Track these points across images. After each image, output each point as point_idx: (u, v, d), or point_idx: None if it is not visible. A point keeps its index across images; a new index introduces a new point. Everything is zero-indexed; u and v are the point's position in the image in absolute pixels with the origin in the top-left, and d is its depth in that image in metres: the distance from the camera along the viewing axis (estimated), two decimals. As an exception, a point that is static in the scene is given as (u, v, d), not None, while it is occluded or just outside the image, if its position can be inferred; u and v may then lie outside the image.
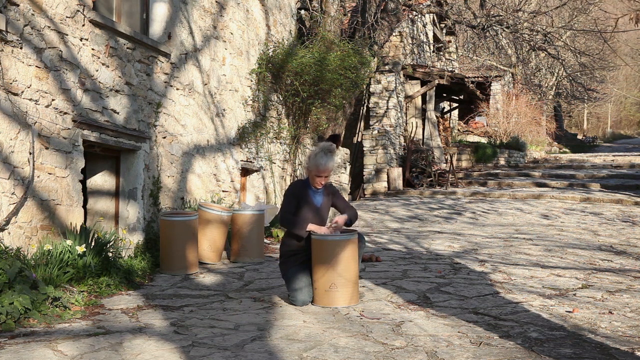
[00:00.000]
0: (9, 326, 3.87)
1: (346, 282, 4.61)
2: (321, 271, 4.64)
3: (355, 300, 4.67)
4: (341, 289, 4.60)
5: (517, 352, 3.43)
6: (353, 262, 4.68)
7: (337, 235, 4.71)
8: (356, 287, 4.71)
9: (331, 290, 4.60)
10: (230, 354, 3.45)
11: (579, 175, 15.76)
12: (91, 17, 5.79)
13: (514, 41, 18.03)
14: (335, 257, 4.61)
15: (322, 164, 4.80)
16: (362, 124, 16.71)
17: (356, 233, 4.79)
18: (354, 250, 4.69)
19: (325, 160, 4.81)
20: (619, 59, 28.89)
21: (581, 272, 5.85)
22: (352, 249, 4.67)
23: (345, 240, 4.65)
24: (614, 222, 9.80)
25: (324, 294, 4.62)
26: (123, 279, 5.31)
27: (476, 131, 22.48)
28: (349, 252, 4.65)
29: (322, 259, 4.67)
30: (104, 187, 6.64)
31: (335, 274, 4.59)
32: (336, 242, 4.64)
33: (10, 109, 4.88)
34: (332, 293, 4.60)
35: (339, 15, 14.48)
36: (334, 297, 4.60)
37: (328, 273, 4.60)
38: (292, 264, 4.85)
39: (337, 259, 4.61)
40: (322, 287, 4.62)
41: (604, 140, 41.29)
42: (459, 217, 10.62)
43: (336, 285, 4.59)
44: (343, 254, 4.62)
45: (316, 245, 4.70)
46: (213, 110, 8.14)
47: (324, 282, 4.61)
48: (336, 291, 4.59)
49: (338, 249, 4.62)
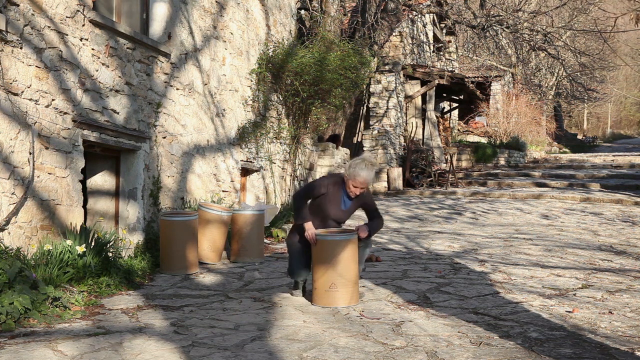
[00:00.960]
0: (9, 326, 3.87)
1: (346, 282, 4.61)
2: (321, 271, 4.64)
3: (355, 300, 4.67)
4: (341, 289, 4.60)
5: (517, 352, 3.43)
6: (353, 262, 4.68)
7: (337, 235, 4.71)
8: (356, 287, 4.71)
9: (331, 290, 4.60)
10: (230, 354, 3.45)
11: (579, 175, 15.76)
12: (91, 17, 5.79)
13: (514, 41, 18.03)
14: (335, 257, 4.61)
15: (360, 175, 4.71)
16: (362, 124, 16.71)
17: (355, 233, 4.78)
18: (354, 250, 4.69)
19: (365, 173, 4.71)
20: (619, 59, 28.89)
21: (581, 272, 5.85)
22: (352, 249, 4.67)
23: (345, 240, 4.65)
24: (614, 222, 9.80)
25: (324, 293, 4.62)
26: (123, 279, 5.30)
27: (476, 131, 22.48)
28: (349, 252, 4.64)
29: (322, 258, 4.67)
30: (104, 187, 6.64)
31: (335, 274, 4.59)
32: (336, 242, 4.64)
33: (10, 109, 4.88)
34: (332, 293, 4.60)
35: (339, 15, 14.49)
36: (334, 297, 4.60)
37: (328, 273, 4.60)
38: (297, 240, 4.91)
39: (337, 259, 4.61)
40: (322, 287, 4.62)
41: (604, 140, 41.28)
42: (459, 217, 10.62)
43: (336, 285, 4.59)
44: (343, 254, 4.62)
45: (319, 245, 4.70)
46: (213, 110, 8.14)
47: (324, 282, 4.61)
48: (336, 291, 4.59)
49: (338, 249, 4.62)
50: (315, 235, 4.71)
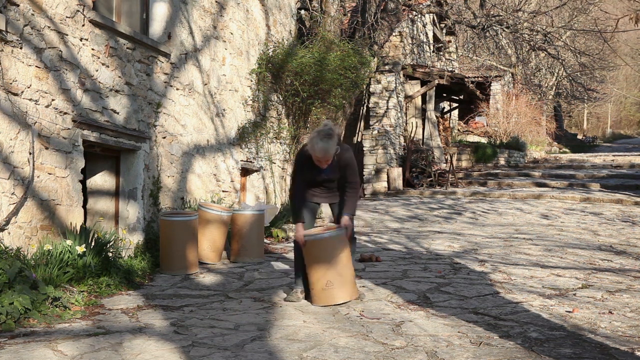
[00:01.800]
0: (9, 326, 3.86)
1: (342, 278, 4.59)
2: (315, 271, 4.64)
3: (355, 294, 4.65)
4: (338, 285, 4.59)
5: (517, 352, 3.43)
6: (345, 256, 4.66)
7: (324, 233, 4.69)
8: (353, 280, 4.69)
9: (328, 288, 4.59)
10: (230, 354, 3.45)
11: (579, 175, 15.76)
12: (91, 17, 5.79)
13: (514, 41, 18.03)
14: (327, 255, 4.61)
15: (317, 149, 4.58)
16: (362, 124, 16.70)
17: (342, 228, 4.76)
18: (344, 245, 4.68)
19: (321, 145, 4.55)
20: (619, 59, 28.88)
21: (581, 272, 5.85)
22: (342, 244, 4.66)
23: (333, 236, 4.64)
24: (613, 222, 9.80)
25: (321, 292, 4.61)
26: (123, 279, 5.30)
27: (476, 131, 22.47)
28: (340, 247, 4.64)
29: (313, 258, 4.68)
30: (104, 187, 6.64)
31: (329, 271, 4.58)
32: (325, 239, 4.64)
33: (10, 109, 4.88)
34: (329, 291, 4.59)
35: (339, 15, 14.48)
36: (332, 295, 4.59)
37: (321, 272, 4.60)
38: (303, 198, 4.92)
39: (329, 256, 4.61)
40: (319, 286, 4.62)
41: (604, 140, 41.27)
42: (459, 217, 10.62)
43: (332, 283, 4.58)
44: (334, 251, 4.61)
45: (308, 247, 4.71)
46: (213, 110, 8.14)
47: (320, 282, 4.61)
48: (333, 288, 4.58)
49: (328, 246, 4.62)
50: (304, 236, 4.71)
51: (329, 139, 4.57)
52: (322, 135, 4.58)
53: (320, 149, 4.57)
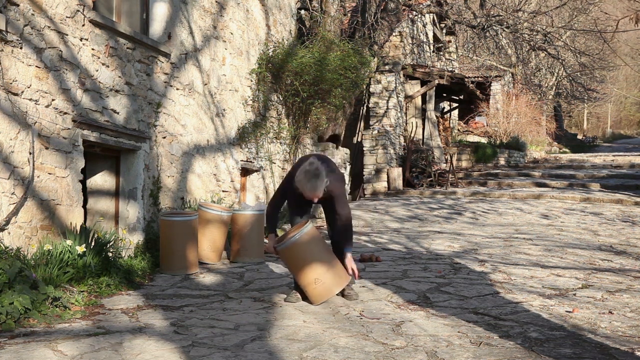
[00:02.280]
0: (9, 326, 3.87)
1: (327, 269, 4.59)
2: (300, 274, 4.66)
3: (346, 278, 4.65)
4: (327, 278, 4.58)
5: (517, 352, 3.43)
6: (319, 249, 4.66)
7: (293, 236, 4.68)
8: (338, 265, 4.68)
9: (319, 285, 4.59)
10: (230, 354, 3.45)
11: (579, 175, 15.76)
12: (91, 17, 5.79)
13: (514, 41, 18.03)
14: (303, 256, 4.64)
15: (308, 189, 4.52)
16: (362, 124, 16.70)
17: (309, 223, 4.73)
18: (316, 238, 4.69)
19: (310, 185, 4.48)
20: (619, 59, 28.88)
21: (581, 272, 5.85)
22: (314, 238, 4.67)
23: (301, 236, 4.64)
24: (614, 222, 9.80)
25: (315, 291, 4.61)
26: (123, 279, 5.31)
27: (476, 131, 22.47)
28: (312, 243, 4.65)
29: (293, 263, 4.72)
30: (104, 187, 6.64)
31: (312, 269, 4.58)
32: (296, 242, 4.65)
33: (10, 109, 4.88)
34: (321, 287, 4.59)
35: (339, 15, 14.48)
36: (326, 289, 4.59)
37: (306, 272, 4.60)
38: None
39: (306, 256, 4.63)
40: (310, 287, 4.61)
41: (604, 140, 41.27)
42: (459, 217, 10.62)
43: (319, 279, 4.58)
44: (307, 249, 4.63)
45: (282, 255, 4.76)
46: (213, 110, 8.14)
47: (308, 282, 4.61)
48: (323, 283, 4.58)
49: (300, 247, 4.64)
50: (274, 246, 4.75)
51: (316, 178, 4.49)
52: (309, 177, 4.48)
53: (309, 189, 4.52)
